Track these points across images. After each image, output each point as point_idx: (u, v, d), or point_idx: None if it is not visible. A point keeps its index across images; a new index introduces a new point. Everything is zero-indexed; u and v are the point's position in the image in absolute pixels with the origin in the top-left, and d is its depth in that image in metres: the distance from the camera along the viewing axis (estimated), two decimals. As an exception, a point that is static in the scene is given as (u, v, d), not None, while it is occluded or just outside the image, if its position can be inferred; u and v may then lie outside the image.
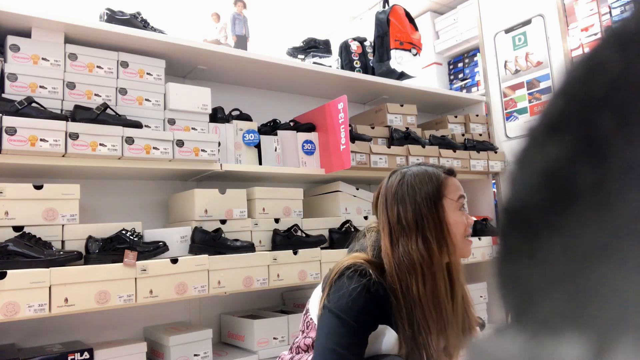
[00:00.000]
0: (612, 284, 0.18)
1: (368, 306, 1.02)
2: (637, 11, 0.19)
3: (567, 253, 0.19)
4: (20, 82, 1.59)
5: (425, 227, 1.07)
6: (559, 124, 0.20)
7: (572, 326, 0.18)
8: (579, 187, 0.19)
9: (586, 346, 0.17)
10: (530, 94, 2.78)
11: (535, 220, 0.20)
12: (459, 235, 1.10)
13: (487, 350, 0.21)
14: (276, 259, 1.84)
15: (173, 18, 2.41)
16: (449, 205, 1.10)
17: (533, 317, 0.20)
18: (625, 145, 0.18)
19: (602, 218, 0.18)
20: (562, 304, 0.19)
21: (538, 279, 0.20)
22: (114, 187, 1.97)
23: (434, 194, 1.09)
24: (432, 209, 1.08)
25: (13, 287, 1.34)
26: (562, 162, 0.19)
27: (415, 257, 1.05)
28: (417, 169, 1.14)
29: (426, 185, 1.10)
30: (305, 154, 2.18)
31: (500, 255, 0.22)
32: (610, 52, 0.19)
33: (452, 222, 1.09)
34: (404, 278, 1.05)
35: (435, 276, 1.06)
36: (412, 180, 1.11)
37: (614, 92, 0.18)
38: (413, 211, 1.08)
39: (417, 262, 1.05)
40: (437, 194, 1.09)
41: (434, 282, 1.05)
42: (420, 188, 1.10)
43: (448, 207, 1.10)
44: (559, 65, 2.65)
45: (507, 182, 0.22)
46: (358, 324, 1.01)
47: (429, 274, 1.05)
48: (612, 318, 0.17)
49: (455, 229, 1.09)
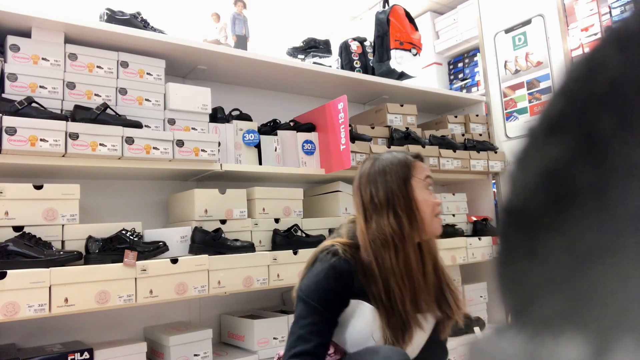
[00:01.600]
0: (611, 284, 0.18)
1: (334, 286, 1.11)
2: (637, 11, 0.19)
3: (567, 253, 0.19)
4: (20, 82, 1.59)
5: (396, 204, 1.16)
6: (559, 124, 0.20)
7: (572, 326, 0.18)
8: (578, 187, 0.19)
9: (586, 346, 0.17)
10: (530, 94, 2.78)
11: (535, 220, 0.20)
12: (427, 212, 1.19)
13: (487, 350, 0.21)
14: (276, 259, 1.84)
15: (173, 18, 2.41)
16: (417, 184, 1.19)
17: (533, 317, 0.20)
18: (625, 145, 0.18)
19: (602, 218, 0.18)
20: (562, 304, 0.19)
21: (538, 279, 0.20)
22: (114, 187, 1.97)
23: (403, 174, 1.19)
24: (401, 187, 1.17)
25: (13, 287, 1.34)
26: (562, 162, 0.19)
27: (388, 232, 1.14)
28: (388, 155, 1.25)
29: (396, 167, 1.20)
30: (305, 154, 2.18)
31: (500, 255, 0.22)
32: (610, 52, 0.19)
33: (420, 199, 1.18)
34: (378, 252, 1.15)
35: (406, 248, 1.14)
36: (384, 164, 1.21)
37: (614, 92, 0.18)
38: (384, 190, 1.17)
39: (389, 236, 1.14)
40: (406, 174, 1.19)
41: (406, 254, 1.14)
42: (390, 169, 1.20)
43: (416, 186, 1.19)
44: (559, 65, 2.65)
45: (507, 182, 0.22)
46: (323, 306, 1.10)
47: (400, 247, 1.14)
48: (612, 318, 0.17)
49: (423, 206, 1.18)
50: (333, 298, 1.12)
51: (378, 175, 1.20)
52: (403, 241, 1.14)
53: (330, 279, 1.11)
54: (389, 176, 1.18)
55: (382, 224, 1.15)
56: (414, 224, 1.16)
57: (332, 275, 1.12)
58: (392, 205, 1.16)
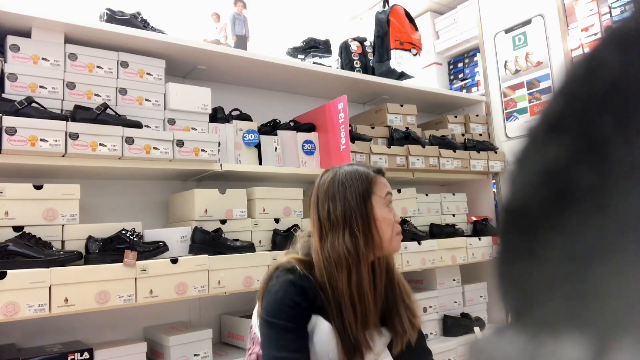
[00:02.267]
0: (612, 283, 0.18)
1: (296, 301, 1.07)
2: (637, 11, 0.19)
3: (567, 253, 0.19)
4: (20, 82, 1.59)
5: (353, 222, 1.11)
6: (559, 124, 0.20)
7: (572, 326, 0.18)
8: (579, 187, 0.19)
9: (586, 346, 0.17)
10: (530, 94, 2.78)
11: (535, 220, 0.20)
12: (387, 231, 1.13)
13: (487, 350, 0.21)
14: (276, 259, 1.83)
15: (173, 18, 2.41)
16: (377, 201, 1.14)
17: (533, 317, 0.20)
18: (625, 145, 0.18)
19: (602, 218, 0.18)
20: (562, 304, 0.19)
21: (538, 279, 0.20)
22: (114, 187, 1.97)
23: (363, 191, 1.13)
24: (360, 205, 1.12)
25: (13, 287, 1.34)
26: (562, 162, 0.19)
27: (342, 251, 1.09)
28: (349, 168, 1.18)
29: (356, 182, 1.14)
30: (305, 154, 2.18)
31: (500, 255, 0.22)
32: (610, 52, 0.19)
33: (380, 217, 1.13)
34: (331, 273, 1.10)
35: (359, 270, 1.10)
36: (343, 178, 1.15)
37: (614, 92, 0.18)
38: (342, 207, 1.12)
39: (343, 256, 1.09)
40: (367, 191, 1.13)
41: (359, 276, 1.09)
42: (350, 185, 1.13)
43: (376, 203, 1.14)
44: (559, 65, 2.65)
45: (507, 182, 0.22)
46: (291, 322, 1.06)
47: (354, 269, 1.09)
48: (612, 318, 0.17)
49: (383, 224, 1.13)
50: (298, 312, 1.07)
51: (337, 190, 1.14)
52: (357, 262, 1.09)
53: (291, 294, 1.07)
54: (348, 192, 1.12)
55: (337, 242, 1.10)
56: (370, 243, 1.11)
57: (292, 291, 1.07)
58: (349, 224, 1.11)
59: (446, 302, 2.50)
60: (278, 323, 1.06)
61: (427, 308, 2.38)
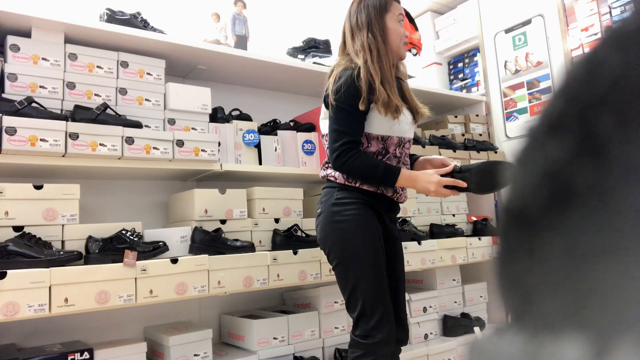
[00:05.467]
0: (612, 283, 0.18)
1: (358, 91, 1.45)
2: (637, 11, 0.19)
3: (567, 253, 0.19)
4: (20, 82, 1.59)
5: (373, 26, 1.53)
6: (559, 124, 0.20)
7: (572, 326, 0.18)
8: (578, 187, 0.19)
9: (586, 346, 0.17)
10: (530, 94, 2.78)
11: (535, 220, 0.20)
12: (396, 40, 1.55)
13: (487, 350, 0.21)
14: (276, 259, 1.84)
15: (173, 18, 2.41)
16: (391, 17, 1.56)
17: (533, 317, 0.20)
18: (625, 145, 0.18)
19: (602, 218, 0.18)
20: (562, 303, 0.19)
21: (538, 279, 0.20)
22: (114, 187, 1.97)
23: (381, 7, 1.55)
24: (377, 16, 1.54)
25: (13, 287, 1.34)
26: (562, 162, 0.19)
27: (366, 46, 1.51)
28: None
29: (377, 2, 1.55)
30: (305, 154, 2.18)
31: (500, 255, 0.22)
32: (610, 52, 0.19)
33: (392, 28, 1.55)
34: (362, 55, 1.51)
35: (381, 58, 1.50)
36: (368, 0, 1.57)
37: (614, 92, 0.18)
38: (366, 15, 1.54)
39: (367, 49, 1.50)
40: (384, 8, 1.55)
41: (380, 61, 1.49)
42: (372, 3, 1.55)
43: (390, 18, 1.55)
44: (559, 65, 2.65)
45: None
46: (352, 108, 1.45)
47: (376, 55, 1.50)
48: (612, 318, 0.17)
49: (394, 34, 1.55)
50: (358, 102, 1.44)
51: (363, 7, 1.55)
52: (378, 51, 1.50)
53: (355, 86, 1.44)
54: (371, 8, 1.54)
55: (362, 40, 1.52)
56: (385, 44, 1.52)
57: (356, 83, 1.44)
58: (370, 27, 1.52)
59: (446, 302, 2.50)
60: (344, 107, 1.46)
61: (427, 308, 2.38)
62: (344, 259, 1.45)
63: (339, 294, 2.16)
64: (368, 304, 1.41)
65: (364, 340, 1.41)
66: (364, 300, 1.42)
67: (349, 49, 1.57)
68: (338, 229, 1.45)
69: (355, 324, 1.44)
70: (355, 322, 1.45)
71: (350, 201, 1.47)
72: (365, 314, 1.42)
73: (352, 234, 1.44)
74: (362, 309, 1.42)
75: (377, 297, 1.42)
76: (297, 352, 1.95)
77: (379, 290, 1.43)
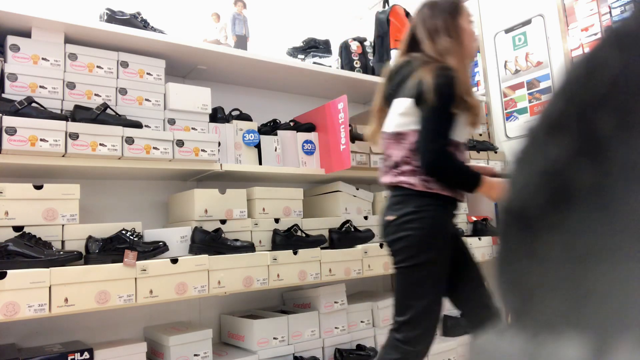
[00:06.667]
0: (611, 283, 0.18)
1: (455, 95, 1.43)
2: (637, 11, 0.19)
3: (567, 253, 0.19)
4: (20, 82, 1.59)
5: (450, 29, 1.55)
6: (559, 124, 0.20)
7: (572, 326, 0.18)
8: (578, 187, 0.19)
9: (586, 346, 0.17)
10: (530, 94, 2.78)
11: (535, 220, 0.20)
12: (471, 40, 1.60)
13: (487, 350, 0.21)
14: (276, 259, 1.84)
15: (173, 18, 2.41)
16: (464, 19, 1.59)
17: (533, 317, 0.20)
18: (625, 145, 0.18)
19: (602, 218, 0.18)
20: (562, 303, 0.19)
21: (538, 279, 0.20)
22: (114, 187, 1.97)
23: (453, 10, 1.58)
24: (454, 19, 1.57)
25: (13, 287, 1.34)
26: (562, 162, 0.19)
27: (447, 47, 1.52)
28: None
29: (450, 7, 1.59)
30: (305, 154, 2.18)
31: (500, 255, 0.22)
32: (610, 52, 0.19)
33: (465, 28, 1.58)
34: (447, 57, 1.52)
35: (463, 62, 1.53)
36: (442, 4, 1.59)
37: (614, 92, 0.18)
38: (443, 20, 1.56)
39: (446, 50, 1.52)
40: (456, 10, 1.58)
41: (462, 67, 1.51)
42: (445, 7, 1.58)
43: (463, 20, 1.59)
44: (559, 65, 2.65)
45: (507, 182, 0.22)
46: (450, 110, 1.43)
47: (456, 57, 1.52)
48: (612, 318, 0.17)
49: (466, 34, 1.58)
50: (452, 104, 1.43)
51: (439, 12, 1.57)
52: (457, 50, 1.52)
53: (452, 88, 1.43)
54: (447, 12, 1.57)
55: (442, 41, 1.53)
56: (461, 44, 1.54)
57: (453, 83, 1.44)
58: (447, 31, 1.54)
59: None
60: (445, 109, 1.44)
61: (427, 308, 2.37)
62: (417, 264, 1.43)
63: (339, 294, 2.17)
64: (420, 313, 1.42)
65: (405, 346, 1.40)
66: (418, 309, 1.41)
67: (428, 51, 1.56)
68: (415, 236, 1.43)
69: (399, 326, 1.43)
70: (399, 324, 1.44)
71: (430, 208, 1.46)
72: (413, 321, 1.41)
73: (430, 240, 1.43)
74: (413, 316, 1.41)
75: (431, 309, 1.43)
76: (297, 352, 1.95)
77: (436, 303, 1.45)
